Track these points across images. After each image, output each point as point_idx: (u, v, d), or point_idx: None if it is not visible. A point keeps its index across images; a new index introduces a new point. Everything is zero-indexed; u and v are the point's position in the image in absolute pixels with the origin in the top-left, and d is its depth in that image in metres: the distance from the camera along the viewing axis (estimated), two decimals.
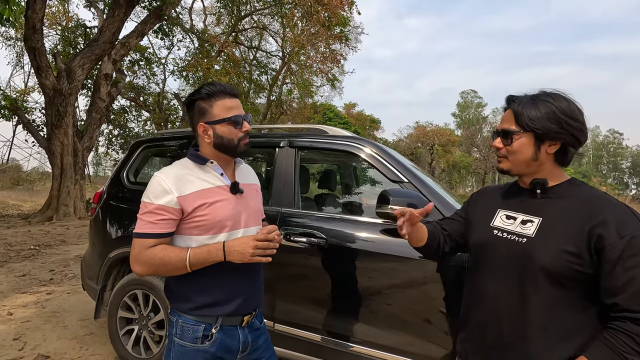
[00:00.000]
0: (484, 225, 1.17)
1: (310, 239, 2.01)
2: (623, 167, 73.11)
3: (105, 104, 11.05)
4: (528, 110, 1.03)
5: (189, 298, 1.24)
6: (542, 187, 1.06)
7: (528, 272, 1.01)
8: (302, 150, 2.32)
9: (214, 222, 1.21)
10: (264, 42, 18.99)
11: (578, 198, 1.02)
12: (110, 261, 2.63)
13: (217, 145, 1.26)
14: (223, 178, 1.28)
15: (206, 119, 1.24)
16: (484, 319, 1.10)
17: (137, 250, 1.19)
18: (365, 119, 45.04)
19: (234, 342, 1.25)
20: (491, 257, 1.11)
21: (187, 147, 2.66)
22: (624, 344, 0.89)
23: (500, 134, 1.09)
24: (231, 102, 1.25)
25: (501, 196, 1.20)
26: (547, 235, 1.00)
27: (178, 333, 1.24)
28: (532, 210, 1.07)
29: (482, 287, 1.13)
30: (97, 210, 2.85)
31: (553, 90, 1.06)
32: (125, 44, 10.76)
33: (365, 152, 2.13)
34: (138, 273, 1.20)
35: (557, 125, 1.00)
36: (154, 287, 2.42)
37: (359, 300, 1.91)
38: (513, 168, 1.10)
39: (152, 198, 1.18)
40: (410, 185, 1.98)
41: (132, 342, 2.52)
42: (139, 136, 16.35)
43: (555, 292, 0.97)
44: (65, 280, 4.42)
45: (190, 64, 13.20)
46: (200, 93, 1.25)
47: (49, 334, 2.95)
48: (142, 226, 1.18)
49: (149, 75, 17.55)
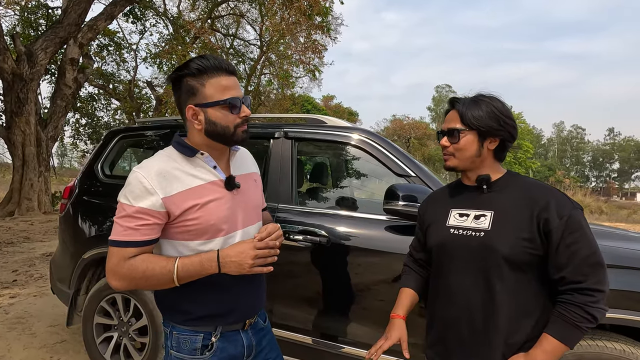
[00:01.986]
0: (439, 227, 1.22)
1: (311, 237, 1.88)
2: (584, 161, 77.31)
3: (71, 91, 10.34)
4: (472, 111, 1.12)
5: (181, 309, 1.07)
6: (487, 182, 1.15)
7: (491, 262, 1.08)
8: (298, 141, 2.16)
9: (208, 226, 1.03)
10: (242, 30, 18.41)
11: (519, 188, 1.12)
12: (84, 263, 2.39)
13: (210, 133, 1.04)
14: (216, 172, 1.08)
15: (196, 101, 1.02)
16: (455, 316, 1.14)
17: (114, 261, 0.99)
18: (343, 111, 45.07)
19: (237, 349, 1.11)
20: (452, 255, 1.17)
21: (169, 138, 2.44)
22: (575, 314, 1.00)
23: (446, 133, 1.16)
24: (227, 80, 1.02)
25: (449, 196, 1.26)
26: (502, 226, 1.08)
27: (174, 345, 1.09)
28: (483, 205, 1.14)
29: (449, 286, 1.17)
30: (67, 206, 2.58)
31: (489, 92, 1.17)
32: (93, 26, 10.06)
33: (369, 144, 2.00)
34: (116, 287, 1.00)
35: (496, 123, 1.11)
36: (136, 290, 2.21)
37: (369, 301, 1.80)
38: (459, 165, 1.17)
39: (132, 199, 0.98)
40: (417, 180, 1.88)
41: (111, 350, 2.31)
42: (109, 126, 15.48)
43: (517, 277, 1.06)
44: (31, 281, 4.07)
45: (164, 51, 12.55)
46: (189, 67, 1.01)
47: (14, 343, 2.67)
48: (121, 233, 0.98)
49: (118, 62, 16.60)
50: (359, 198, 3.04)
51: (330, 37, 12.20)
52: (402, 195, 1.68)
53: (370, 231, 1.87)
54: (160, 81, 17.43)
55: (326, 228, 1.89)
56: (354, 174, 3.00)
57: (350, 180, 3.04)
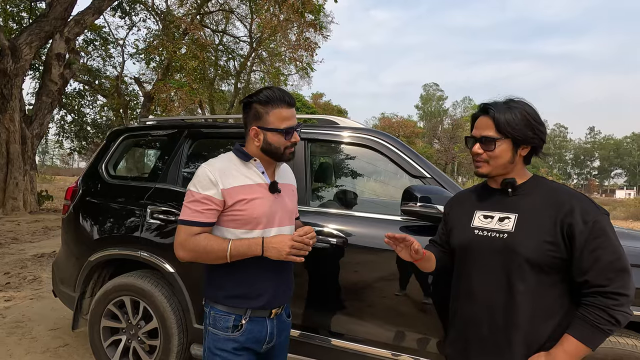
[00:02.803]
0: (464, 228, 1.25)
1: (328, 239, 1.88)
2: (567, 159, 79.40)
3: (57, 87, 10.03)
4: (507, 119, 1.12)
5: (222, 287, 1.29)
6: (513, 186, 1.17)
7: (513, 263, 1.10)
8: (311, 142, 2.16)
9: (251, 218, 1.26)
10: (231, 26, 18.18)
11: (545, 192, 1.14)
12: (90, 265, 2.34)
13: (264, 150, 1.30)
14: (264, 176, 1.32)
15: (260, 124, 1.27)
16: (476, 315, 1.18)
17: (182, 236, 1.24)
18: (332, 109, 45.09)
19: (262, 333, 1.30)
20: (476, 255, 1.20)
21: (176, 138, 2.40)
22: (598, 317, 1.02)
23: (479, 140, 1.16)
24: (287, 112, 1.27)
25: (475, 198, 1.29)
26: (526, 228, 1.11)
27: (211, 323, 1.31)
28: (507, 208, 1.17)
29: (471, 285, 1.20)
30: (71, 208, 2.51)
31: (517, 98, 1.17)
32: (80, 21, 9.79)
33: (384, 145, 2.01)
34: (181, 258, 1.26)
35: (531, 131, 1.13)
36: (146, 292, 2.18)
37: (387, 299, 1.82)
38: (493, 172, 1.19)
39: (200, 188, 1.24)
40: (432, 181, 1.90)
41: (119, 353, 2.27)
42: (96, 123, 15.08)
43: (539, 278, 1.09)
44: (25, 284, 3.96)
45: (153, 46, 12.30)
46: (258, 96, 1.27)
47: (15, 348, 2.60)
48: (189, 214, 1.24)
49: (104, 57, 16.18)
50: (372, 199, 3.06)
51: (322, 35, 12.16)
52: (420, 197, 1.70)
53: (385, 232, 1.89)
54: (147, 77, 17.10)
55: (342, 229, 1.90)
56: (367, 175, 3.02)
57: (363, 181, 3.06)
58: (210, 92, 15.66)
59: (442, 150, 45.14)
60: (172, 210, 2.19)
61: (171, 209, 2.19)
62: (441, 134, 48.95)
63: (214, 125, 2.50)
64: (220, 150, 3.11)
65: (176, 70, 12.82)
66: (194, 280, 2.10)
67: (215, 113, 19.93)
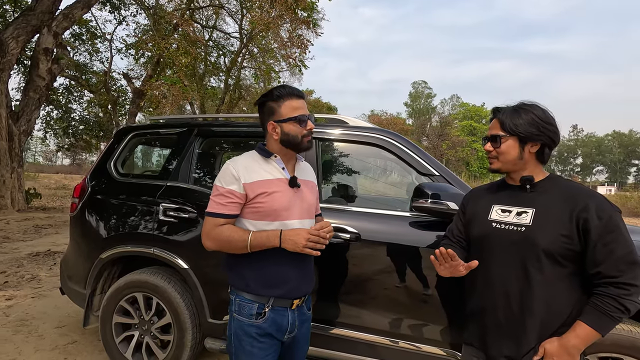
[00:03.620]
0: (482, 221, 1.33)
1: (340, 235, 1.95)
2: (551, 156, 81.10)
3: (45, 83, 9.81)
4: (511, 118, 1.24)
5: (244, 276, 1.36)
6: (531, 183, 1.26)
7: (530, 255, 1.18)
8: (322, 141, 2.22)
9: (271, 210, 1.33)
10: (221, 21, 17.98)
11: (560, 190, 1.23)
12: (101, 263, 2.36)
13: (284, 142, 1.38)
14: (284, 172, 1.39)
15: (275, 118, 1.37)
16: (493, 303, 1.25)
17: (208, 227, 1.34)
18: (322, 106, 45.08)
19: (283, 322, 1.37)
20: (493, 247, 1.27)
21: (187, 137, 2.43)
22: (609, 305, 1.09)
23: (490, 139, 1.29)
24: (297, 102, 1.37)
25: (491, 194, 1.38)
26: (543, 222, 1.19)
27: (236, 310, 1.37)
28: (525, 203, 1.25)
29: (488, 275, 1.27)
30: (79, 206, 2.52)
31: (530, 101, 1.28)
32: (69, 15, 9.57)
33: (394, 144, 2.09)
34: (207, 247, 1.36)
35: (536, 129, 1.22)
36: (158, 288, 2.22)
37: (402, 293, 1.90)
38: (502, 167, 1.29)
39: (224, 183, 1.34)
40: (440, 179, 1.99)
41: (132, 349, 2.31)
42: (84, 120, 14.77)
43: (554, 269, 1.17)
44: (24, 282, 3.93)
45: (143, 41, 12.10)
46: (271, 95, 1.38)
47: (23, 345, 2.60)
48: (214, 207, 1.34)
49: (91, 52, 15.81)
50: (382, 196, 3.14)
51: (316, 32, 12.17)
52: (431, 194, 1.79)
53: (396, 227, 1.97)
54: (137, 73, 16.81)
55: (354, 225, 1.97)
56: (377, 173, 3.09)
57: (373, 179, 3.13)
58: (201, 88, 15.50)
59: (430, 148, 45.64)
60: (185, 208, 2.23)
61: (183, 206, 2.23)
62: (430, 131, 49.45)
63: (224, 124, 2.53)
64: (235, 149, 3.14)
65: (166, 65, 12.66)
66: (208, 275, 2.14)
67: (206, 109, 19.75)
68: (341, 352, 1.96)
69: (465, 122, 54.08)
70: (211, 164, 2.92)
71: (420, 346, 1.87)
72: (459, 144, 42.88)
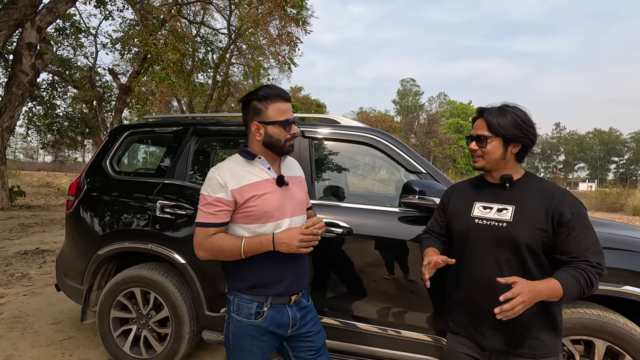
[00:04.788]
0: (464, 217, 1.40)
1: (333, 229, 2.05)
2: (535, 153, 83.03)
3: (28, 78, 9.59)
4: (498, 120, 1.30)
5: (242, 278, 1.38)
6: (510, 182, 1.35)
7: (511, 248, 1.28)
8: (315, 140, 2.31)
9: (263, 212, 1.33)
10: (209, 17, 17.81)
11: (536, 188, 1.33)
12: (99, 259, 2.41)
13: (266, 144, 1.37)
14: (270, 172, 1.40)
15: (260, 119, 1.35)
16: (478, 293, 1.34)
17: (200, 238, 1.33)
18: (311, 103, 45.03)
19: (284, 319, 1.38)
20: (476, 241, 1.35)
21: (182, 135, 2.49)
22: (577, 273, 1.21)
23: (475, 139, 1.35)
24: (284, 105, 1.36)
25: (472, 190, 1.45)
26: (522, 218, 1.29)
27: (235, 310, 1.38)
28: (505, 200, 1.35)
29: (472, 269, 1.36)
30: (75, 203, 2.56)
31: (512, 103, 1.35)
32: (53, 9, 9.37)
33: (384, 143, 2.19)
34: (201, 257, 1.35)
35: (519, 131, 1.30)
36: (156, 283, 2.29)
37: (388, 282, 2.01)
38: (486, 165, 1.36)
39: (211, 192, 1.33)
40: (427, 176, 2.10)
41: (130, 342, 2.37)
42: (69, 116, 14.46)
43: (533, 260, 1.28)
44: (14, 281, 3.91)
45: (129, 36, 11.92)
46: (257, 94, 1.35)
47: (19, 342, 2.63)
48: (204, 217, 1.33)
49: (75, 47, 15.46)
50: (373, 193, 3.24)
51: (306, 30, 12.20)
52: (418, 190, 1.90)
53: (385, 222, 2.08)
54: (123, 68, 16.52)
55: (346, 220, 2.08)
56: (368, 171, 3.19)
57: (364, 176, 3.23)
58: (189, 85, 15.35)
59: (418, 145, 46.17)
60: (181, 205, 2.29)
61: (180, 203, 2.30)
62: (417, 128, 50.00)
63: (219, 123, 2.59)
64: (226, 147, 3.20)
65: (154, 62, 12.50)
66: (205, 270, 2.22)
67: (193, 106, 19.55)
68: (334, 340, 2.06)
69: (452, 119, 54.83)
70: (207, 162, 2.99)
71: (407, 333, 1.99)
72: (446, 141, 43.52)
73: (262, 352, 1.38)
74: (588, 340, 1.78)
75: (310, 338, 1.46)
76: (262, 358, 1.38)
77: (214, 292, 2.22)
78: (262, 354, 1.38)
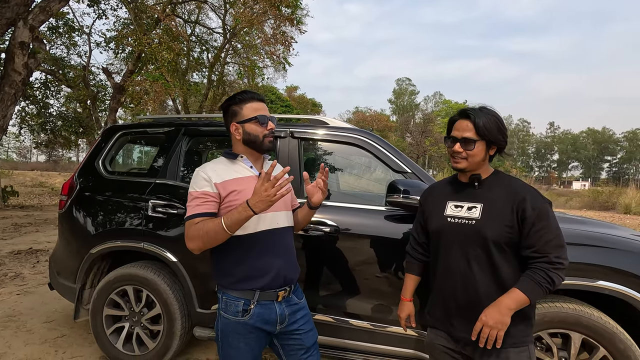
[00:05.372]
0: (438, 216, 1.48)
1: (321, 228, 2.11)
2: (529, 152, 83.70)
3: (21, 78, 9.52)
4: (485, 124, 1.34)
5: (229, 272, 1.41)
6: (479, 181, 1.42)
7: (480, 244, 1.35)
8: (304, 140, 2.36)
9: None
10: (204, 16, 17.78)
11: (504, 185, 1.39)
12: (92, 257, 2.45)
13: (246, 141, 1.47)
14: (252, 170, 1.49)
15: (237, 119, 1.46)
16: (453, 289, 1.41)
17: (186, 229, 1.38)
18: (307, 102, 45.03)
19: (271, 315, 1.41)
20: (449, 239, 1.42)
21: (173, 136, 2.53)
22: (538, 275, 1.27)
23: (460, 141, 1.38)
24: (258, 105, 1.47)
25: (445, 190, 1.52)
26: (490, 215, 1.35)
27: (223, 307, 1.43)
28: (474, 199, 1.41)
29: (447, 264, 1.43)
30: (68, 203, 2.59)
31: (489, 106, 1.40)
32: (46, 8, 9.31)
33: (370, 144, 2.25)
34: (192, 249, 1.37)
35: (501, 135, 1.37)
36: (148, 281, 2.33)
37: (374, 279, 2.07)
38: (469, 167, 1.40)
39: (197, 187, 1.40)
40: (412, 175, 2.17)
41: (122, 339, 2.41)
42: (63, 115, 14.39)
43: (501, 255, 1.34)
44: (7, 280, 3.93)
45: (123, 35, 11.88)
46: (234, 99, 1.48)
47: (13, 340, 2.66)
48: (191, 210, 1.38)
49: (68, 45, 15.36)
50: (360, 192, 3.30)
51: (300, 30, 12.23)
52: (403, 189, 1.96)
53: (372, 220, 2.14)
54: (117, 67, 16.44)
55: (334, 218, 2.13)
56: (356, 170, 3.26)
57: (351, 176, 3.29)
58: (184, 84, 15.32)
59: (414, 144, 46.37)
60: (173, 204, 2.33)
61: (172, 202, 2.34)
62: (413, 128, 50.20)
63: (211, 124, 2.64)
64: (217, 147, 3.24)
65: (148, 60, 12.47)
66: (196, 268, 2.26)
67: (188, 105, 19.51)
68: (323, 335, 2.12)
69: (448, 119, 55.05)
70: (199, 162, 3.02)
71: (392, 328, 2.05)
72: (442, 140, 43.72)
73: (250, 349, 1.40)
74: (565, 334, 1.85)
75: (299, 336, 1.48)
76: (250, 355, 1.41)
77: (205, 290, 2.26)
78: (250, 350, 1.40)
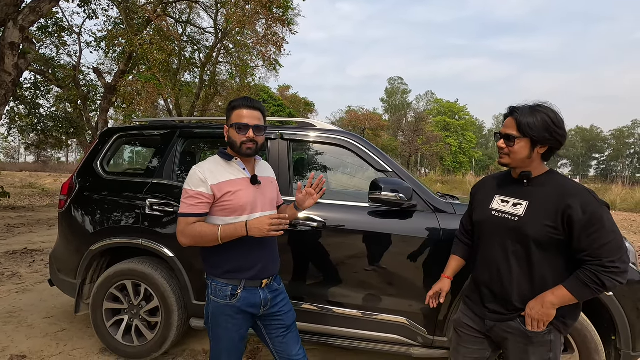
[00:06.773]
0: (484, 208, 1.52)
1: (308, 223, 2.26)
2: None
3: (11, 78, 9.47)
4: (528, 120, 1.32)
5: (218, 265, 1.56)
6: (528, 178, 1.41)
7: (520, 241, 1.37)
8: (293, 142, 2.51)
9: (237, 206, 1.54)
10: (195, 16, 17.79)
11: (554, 186, 1.36)
12: (91, 254, 2.57)
13: (229, 144, 1.60)
14: (245, 172, 1.60)
15: (228, 123, 1.59)
16: (488, 278, 1.47)
17: (182, 226, 1.51)
18: (300, 101, 45.05)
19: (256, 300, 1.58)
20: (491, 231, 1.47)
21: (170, 137, 2.66)
22: (587, 276, 1.27)
23: (504, 137, 1.39)
24: (245, 112, 1.55)
25: (497, 184, 1.54)
26: (533, 214, 1.35)
27: (212, 292, 1.57)
28: (521, 196, 1.42)
29: (485, 254, 1.49)
30: (68, 202, 2.71)
31: (544, 102, 1.37)
32: (36, 8, 9.28)
33: (355, 145, 2.41)
34: (183, 244, 1.52)
35: (548, 134, 1.32)
36: (147, 275, 2.46)
37: (359, 271, 2.23)
38: (512, 163, 1.40)
39: (192, 186, 1.51)
40: (393, 174, 2.33)
41: (122, 332, 2.54)
42: (53, 116, 14.31)
43: (540, 253, 1.34)
44: (4, 279, 4.01)
45: (113, 35, 11.86)
46: (230, 103, 1.61)
47: (15, 334, 2.77)
48: (186, 208, 1.51)
49: (58, 45, 15.26)
50: (345, 189, 3.47)
51: (291, 30, 12.35)
52: (383, 187, 2.12)
53: (357, 216, 2.30)
54: (108, 67, 16.37)
55: (321, 215, 2.29)
56: (341, 169, 3.42)
57: (337, 174, 3.46)
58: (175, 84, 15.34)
59: (406, 143, 46.74)
60: (169, 202, 2.47)
61: (168, 201, 2.48)
62: (405, 126, 50.58)
63: (205, 126, 2.77)
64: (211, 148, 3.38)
65: (139, 61, 12.48)
66: (192, 262, 2.40)
67: (180, 105, 19.49)
68: (310, 323, 2.28)
69: (439, 117, 55.53)
70: (193, 162, 3.16)
71: (375, 315, 2.22)
72: (434, 139, 44.13)
73: (237, 329, 1.57)
74: None
75: (281, 317, 1.66)
76: (237, 334, 1.58)
77: (200, 283, 2.41)
78: (237, 330, 1.57)
